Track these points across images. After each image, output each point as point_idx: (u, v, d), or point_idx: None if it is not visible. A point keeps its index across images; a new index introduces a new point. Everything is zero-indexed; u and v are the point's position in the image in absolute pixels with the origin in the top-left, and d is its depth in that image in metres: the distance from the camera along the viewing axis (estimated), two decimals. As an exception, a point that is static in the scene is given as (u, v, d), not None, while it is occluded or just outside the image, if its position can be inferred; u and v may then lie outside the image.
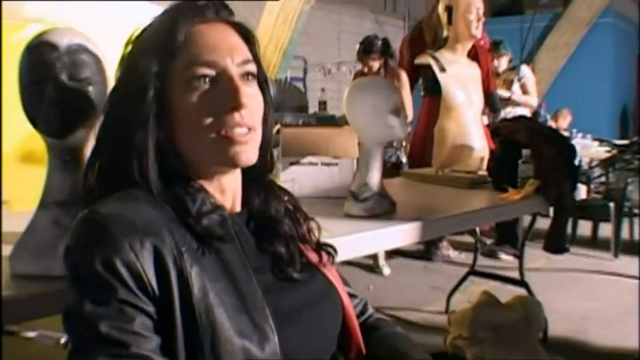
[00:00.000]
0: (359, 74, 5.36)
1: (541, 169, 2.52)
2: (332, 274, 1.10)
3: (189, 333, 0.83)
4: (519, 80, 5.73)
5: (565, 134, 5.51)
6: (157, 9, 1.01)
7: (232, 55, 0.95)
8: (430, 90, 3.81)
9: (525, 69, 5.91)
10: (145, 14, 1.01)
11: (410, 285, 4.37)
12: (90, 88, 1.14)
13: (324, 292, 1.05)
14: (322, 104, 5.79)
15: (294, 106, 5.09)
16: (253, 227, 1.05)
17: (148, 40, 0.95)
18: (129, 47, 0.98)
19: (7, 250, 1.23)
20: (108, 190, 0.91)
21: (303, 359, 0.93)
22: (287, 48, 7.27)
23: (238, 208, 1.04)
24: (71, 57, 1.12)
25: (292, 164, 2.32)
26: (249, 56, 0.99)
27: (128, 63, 0.97)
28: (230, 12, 1.01)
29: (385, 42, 5.09)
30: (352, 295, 1.19)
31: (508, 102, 5.54)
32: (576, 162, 2.71)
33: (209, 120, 0.92)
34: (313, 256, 1.09)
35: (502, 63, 5.82)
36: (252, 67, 0.98)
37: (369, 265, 4.66)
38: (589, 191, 5.98)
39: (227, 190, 1.01)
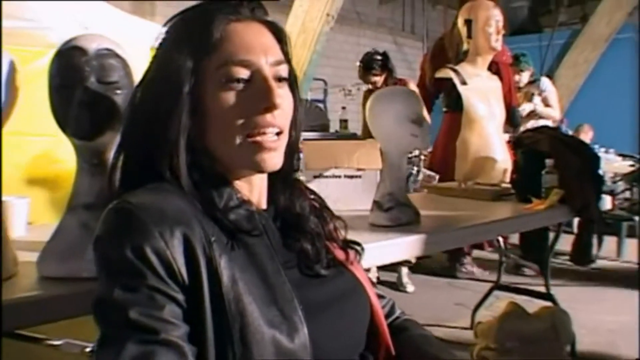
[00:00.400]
0: (367, 93, 5.33)
1: (565, 178, 2.51)
2: (359, 272, 1.09)
3: (218, 322, 0.82)
4: (540, 93, 5.68)
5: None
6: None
7: (267, 55, 0.96)
8: (452, 106, 3.82)
9: (546, 82, 5.85)
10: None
11: (434, 302, 4.32)
12: (118, 91, 1.17)
13: (351, 288, 1.04)
14: (343, 122, 5.79)
15: (316, 125, 5.11)
16: (279, 225, 1.05)
17: (182, 36, 0.95)
18: (160, 42, 0.98)
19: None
20: (134, 186, 0.92)
21: (332, 353, 0.92)
22: (307, 69, 7.28)
23: (264, 205, 1.04)
24: (100, 61, 1.15)
25: (315, 177, 2.32)
26: (282, 57, 0.99)
27: (160, 58, 0.97)
28: (265, 11, 1.02)
29: (385, 56, 5.03)
30: (379, 297, 1.19)
31: (530, 115, 5.51)
32: (600, 172, 2.69)
33: (241, 121, 0.93)
34: (340, 254, 1.09)
35: (524, 78, 5.76)
36: (284, 69, 0.99)
37: (393, 282, 4.62)
38: (614, 202, 5.92)
39: (254, 188, 1.02)
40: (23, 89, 1.25)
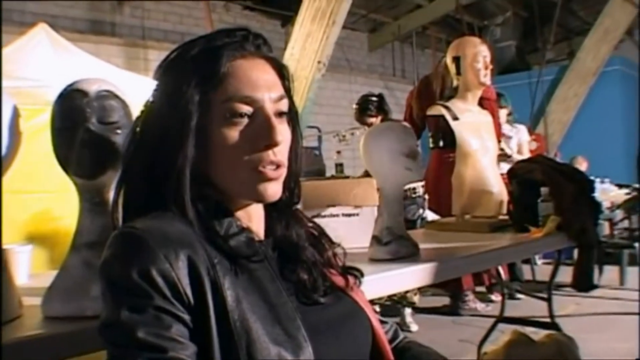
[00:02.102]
0: None
1: (561, 205, 2.52)
2: (359, 297, 1.11)
3: (225, 341, 0.84)
4: (520, 141, 5.88)
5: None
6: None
7: (270, 92, 0.99)
8: (439, 143, 3.86)
9: (524, 131, 6.11)
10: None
11: (439, 340, 4.28)
12: (119, 131, 1.20)
13: (351, 312, 1.06)
14: (339, 166, 5.77)
15: (311, 170, 5.12)
16: (276, 255, 1.06)
17: (190, 68, 0.97)
18: (162, 72, 1.01)
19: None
20: (137, 216, 0.93)
21: None
22: (301, 117, 7.33)
23: (262, 236, 1.06)
24: (100, 102, 1.19)
25: (313, 217, 2.33)
26: (283, 93, 1.02)
27: (165, 90, 0.99)
28: (269, 48, 1.05)
29: (380, 98, 5.08)
30: (382, 322, 1.20)
31: (501, 157, 5.59)
32: (596, 197, 2.70)
33: (244, 156, 0.96)
34: (339, 280, 1.10)
35: (501, 116, 5.86)
36: (284, 104, 1.02)
37: (397, 323, 4.59)
38: (612, 228, 5.95)
39: (253, 217, 1.04)
40: (22, 147, 1.28)
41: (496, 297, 5.05)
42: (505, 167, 4.89)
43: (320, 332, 0.94)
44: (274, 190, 0.99)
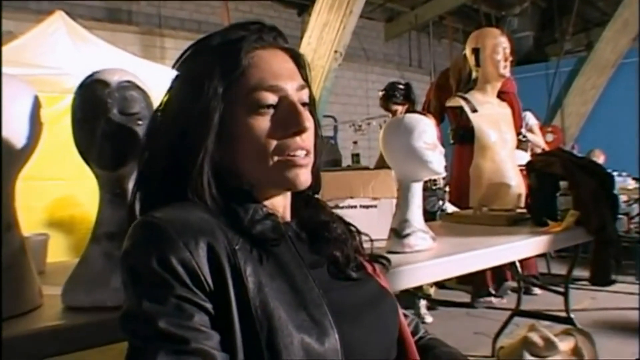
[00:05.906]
0: None
1: (580, 200, 2.50)
2: (385, 283, 1.10)
3: (246, 328, 0.83)
4: (525, 126, 5.90)
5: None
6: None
7: (292, 81, 1.00)
8: (460, 137, 3.84)
9: (529, 116, 6.17)
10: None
11: (454, 332, 4.28)
12: (140, 122, 1.20)
13: (379, 293, 1.05)
14: (355, 157, 5.79)
15: (328, 160, 5.13)
16: (305, 235, 1.06)
17: (210, 64, 0.96)
18: (182, 66, 1.01)
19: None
20: (155, 206, 0.92)
21: (365, 355, 0.93)
22: (318, 105, 7.33)
23: (288, 219, 1.06)
24: (122, 93, 1.18)
25: (332, 208, 2.33)
26: (304, 82, 1.03)
27: (186, 85, 0.99)
28: (285, 39, 1.06)
29: (408, 87, 5.06)
30: (404, 315, 1.19)
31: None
32: (615, 192, 2.68)
33: (272, 144, 0.96)
34: (366, 266, 1.10)
35: None
36: (306, 94, 1.02)
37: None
38: (630, 224, 5.91)
39: (279, 207, 1.04)
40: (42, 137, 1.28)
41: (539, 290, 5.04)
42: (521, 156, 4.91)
43: (350, 313, 0.94)
44: (305, 177, 0.99)
